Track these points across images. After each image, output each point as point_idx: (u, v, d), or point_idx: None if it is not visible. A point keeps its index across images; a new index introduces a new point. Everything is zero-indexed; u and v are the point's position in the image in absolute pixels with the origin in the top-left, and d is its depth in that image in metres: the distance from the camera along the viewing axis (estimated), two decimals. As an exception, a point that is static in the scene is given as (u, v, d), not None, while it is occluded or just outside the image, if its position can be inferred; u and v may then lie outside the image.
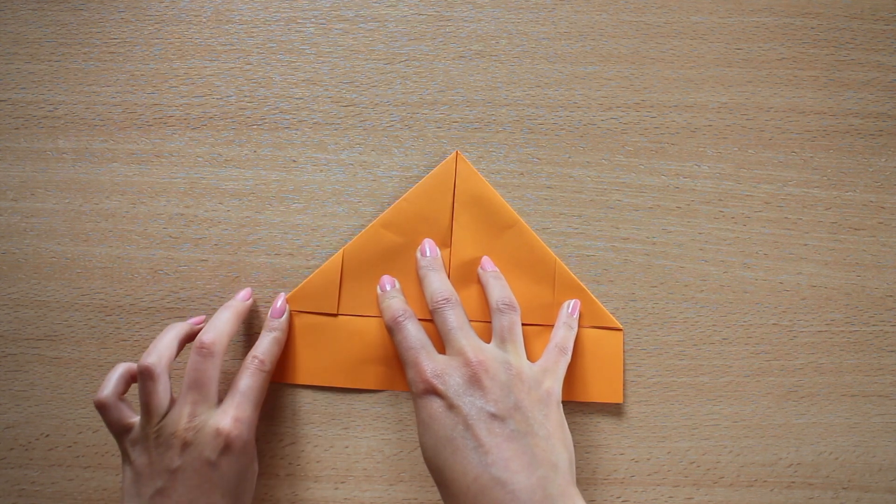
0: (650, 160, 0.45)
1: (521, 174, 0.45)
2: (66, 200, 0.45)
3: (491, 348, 0.38)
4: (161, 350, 0.37)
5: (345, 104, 0.46)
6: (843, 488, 0.42)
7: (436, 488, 0.42)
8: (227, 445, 0.36)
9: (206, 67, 0.46)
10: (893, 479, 0.43)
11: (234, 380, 0.39)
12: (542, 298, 0.43)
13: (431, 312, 0.40)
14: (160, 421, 0.36)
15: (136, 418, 0.37)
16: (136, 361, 0.38)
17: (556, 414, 0.37)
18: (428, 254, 0.42)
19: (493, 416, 0.35)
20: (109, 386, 0.37)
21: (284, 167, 0.45)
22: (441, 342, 0.39)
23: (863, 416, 0.43)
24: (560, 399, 0.38)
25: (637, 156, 0.45)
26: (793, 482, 0.42)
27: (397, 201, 0.44)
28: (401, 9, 0.46)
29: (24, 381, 0.43)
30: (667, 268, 0.44)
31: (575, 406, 0.43)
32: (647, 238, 0.44)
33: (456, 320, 0.39)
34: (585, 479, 0.42)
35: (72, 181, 0.45)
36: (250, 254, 0.44)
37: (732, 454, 0.43)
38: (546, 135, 0.45)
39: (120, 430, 0.37)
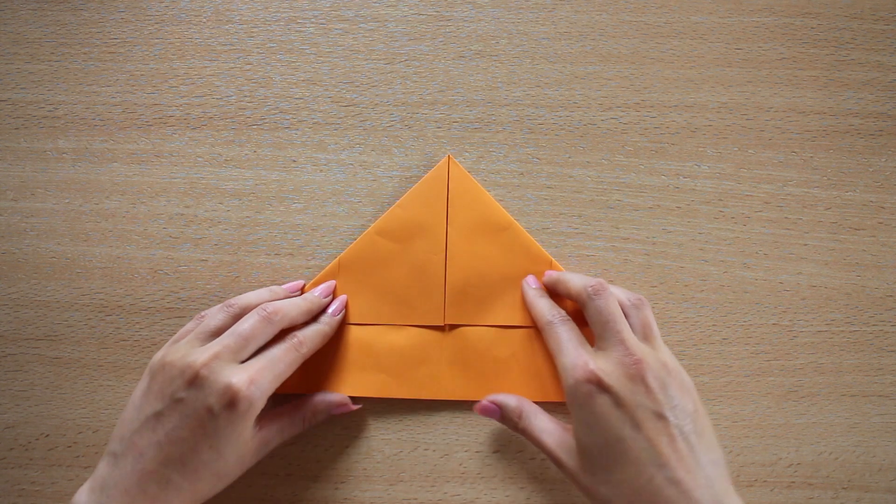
0: (650, 160, 0.45)
1: (521, 174, 0.45)
2: (66, 200, 0.45)
3: (641, 344, 0.37)
4: (256, 301, 0.39)
5: (345, 104, 0.46)
6: (843, 488, 0.42)
7: (435, 488, 0.42)
8: (231, 402, 0.34)
9: (206, 67, 0.46)
10: (893, 479, 0.43)
11: (264, 347, 0.38)
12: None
13: (585, 302, 0.38)
14: (197, 348, 0.36)
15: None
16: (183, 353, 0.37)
17: (700, 404, 0.36)
18: (549, 273, 0.42)
19: (658, 415, 0.34)
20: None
21: (284, 167, 0.45)
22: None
23: (863, 416, 0.43)
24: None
25: (637, 156, 0.45)
26: (793, 482, 0.42)
27: (391, 208, 0.44)
28: (401, 9, 0.46)
29: (24, 381, 0.43)
30: (667, 268, 0.44)
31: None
32: (647, 238, 0.44)
33: (616, 309, 0.38)
34: (585, 479, 0.42)
35: (72, 181, 0.45)
36: (250, 254, 0.44)
37: (732, 454, 0.43)
38: (546, 135, 0.45)
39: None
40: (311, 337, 0.40)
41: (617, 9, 0.46)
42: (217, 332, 0.38)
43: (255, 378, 0.35)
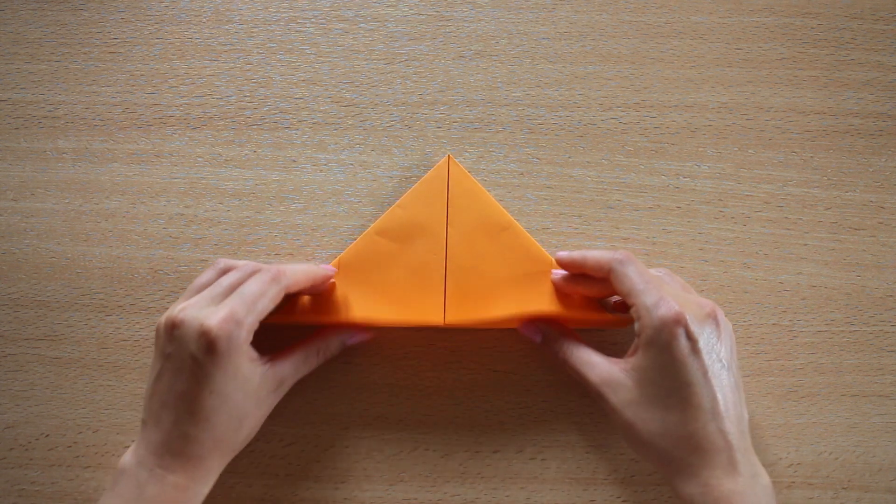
0: (650, 160, 0.45)
1: (521, 174, 0.45)
2: (66, 200, 0.45)
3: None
4: (297, 281, 0.38)
5: (345, 104, 0.46)
6: (843, 488, 0.42)
7: (435, 488, 0.42)
8: (210, 345, 0.34)
9: (206, 67, 0.46)
10: (893, 479, 0.43)
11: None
12: (540, 300, 0.43)
13: (610, 272, 0.37)
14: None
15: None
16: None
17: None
18: (562, 253, 0.41)
19: (723, 365, 0.35)
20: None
21: (284, 167, 0.45)
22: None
23: (863, 416, 0.43)
24: None
25: (637, 156, 0.45)
26: (793, 482, 0.42)
27: (391, 208, 0.44)
28: (401, 9, 0.46)
29: (24, 381, 0.43)
30: (667, 268, 0.44)
31: (575, 405, 0.43)
32: (647, 238, 0.44)
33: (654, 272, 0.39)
34: (585, 479, 0.42)
35: (72, 181, 0.45)
36: (250, 254, 0.44)
37: (732, 454, 0.43)
38: (546, 135, 0.45)
39: None
40: (293, 269, 0.38)
41: (617, 9, 0.46)
42: (202, 288, 0.38)
43: (228, 315, 0.34)
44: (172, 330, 0.35)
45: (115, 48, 0.46)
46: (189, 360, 0.34)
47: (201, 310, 0.35)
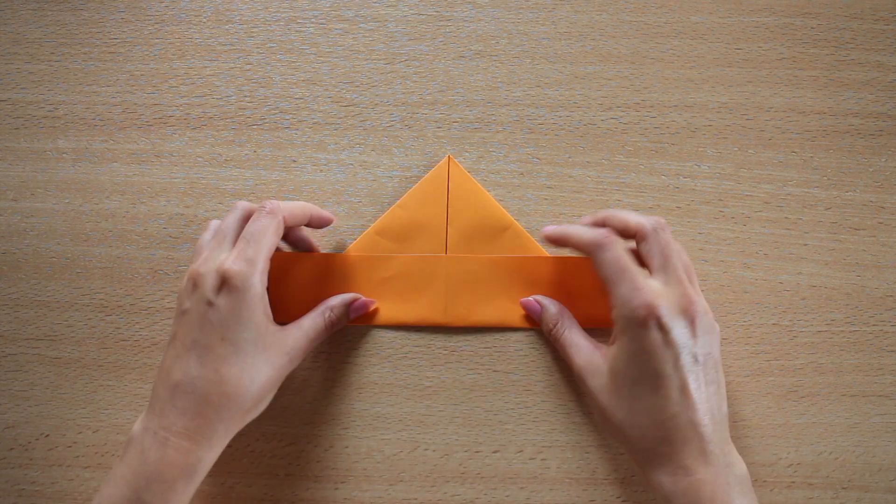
0: (650, 160, 0.45)
1: (521, 174, 0.45)
2: (66, 200, 0.45)
3: (693, 286, 0.37)
4: (293, 213, 0.39)
5: (345, 104, 0.46)
6: (843, 488, 0.42)
7: (435, 488, 0.42)
8: (223, 281, 0.35)
9: (206, 67, 0.46)
10: (893, 479, 0.43)
11: None
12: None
13: (646, 235, 0.37)
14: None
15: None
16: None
17: (720, 352, 0.37)
18: (549, 228, 0.41)
19: (696, 358, 0.35)
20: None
21: (284, 167, 0.45)
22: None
23: (863, 416, 0.43)
24: None
25: (637, 156, 0.45)
26: (793, 482, 0.42)
27: (391, 208, 0.44)
28: (401, 9, 0.46)
29: (24, 381, 0.43)
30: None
31: (575, 405, 0.43)
32: (647, 238, 0.44)
33: (677, 246, 0.38)
34: (585, 479, 0.42)
35: (72, 181, 0.45)
36: (250, 254, 0.44)
37: (732, 454, 0.43)
38: (546, 135, 0.45)
39: None
40: (286, 204, 0.39)
41: (617, 9, 0.46)
42: (224, 235, 0.38)
43: (238, 256, 0.36)
44: (192, 283, 0.36)
45: (115, 48, 0.46)
46: (204, 306, 0.35)
47: (215, 258, 0.36)
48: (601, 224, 0.39)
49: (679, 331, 0.35)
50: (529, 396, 0.43)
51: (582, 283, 0.42)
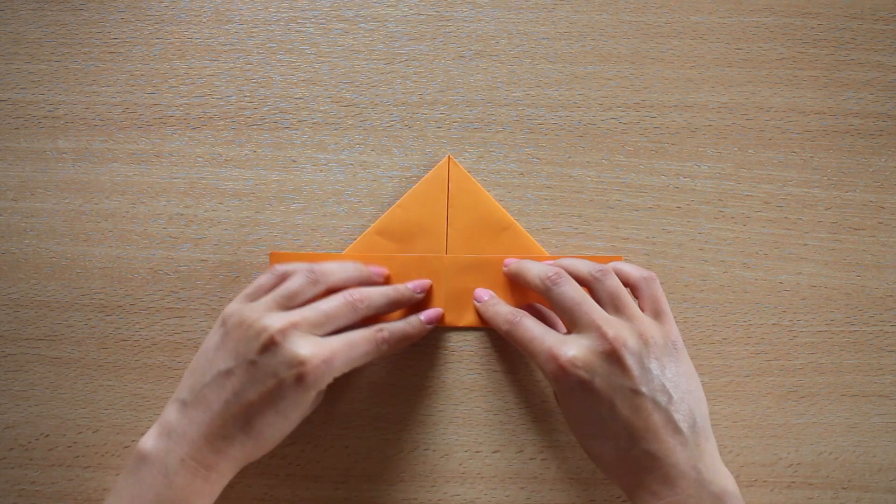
0: (650, 160, 0.45)
1: (521, 174, 0.45)
2: (66, 200, 0.45)
3: (617, 319, 0.37)
4: (343, 277, 0.40)
5: (345, 104, 0.46)
6: (843, 488, 0.42)
7: (435, 488, 0.42)
8: (300, 376, 0.35)
9: (206, 67, 0.46)
10: (893, 479, 0.43)
11: (350, 330, 0.38)
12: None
13: (545, 294, 0.38)
14: (275, 311, 0.37)
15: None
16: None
17: (686, 363, 0.37)
18: (512, 260, 0.42)
19: (634, 391, 0.34)
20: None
21: (284, 167, 0.45)
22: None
23: (863, 416, 0.43)
24: (680, 335, 0.37)
25: (637, 156, 0.45)
26: (793, 482, 0.42)
27: (391, 208, 0.44)
28: (401, 9, 0.46)
29: (24, 381, 0.43)
30: (667, 268, 0.44)
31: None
32: (647, 238, 0.44)
33: (577, 293, 0.37)
34: (585, 479, 0.42)
35: (72, 181, 0.45)
36: (250, 254, 0.44)
37: (732, 454, 0.43)
38: (546, 135, 0.45)
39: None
40: (396, 337, 0.39)
41: (617, 9, 0.46)
42: (295, 297, 0.38)
43: (329, 358, 0.35)
44: (269, 345, 0.35)
45: (115, 48, 0.46)
46: (273, 379, 0.35)
47: (302, 336, 0.36)
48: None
49: (603, 376, 0.35)
50: (529, 396, 0.43)
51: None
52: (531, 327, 0.38)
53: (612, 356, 0.35)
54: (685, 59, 0.46)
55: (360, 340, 0.37)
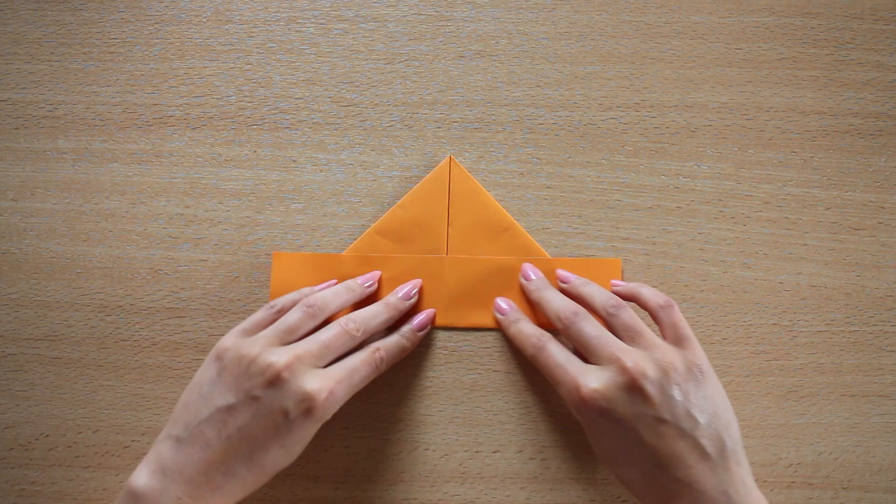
0: (650, 160, 0.45)
1: (521, 174, 0.45)
2: (66, 200, 0.45)
3: (635, 350, 0.37)
4: (338, 305, 0.40)
5: (345, 104, 0.46)
6: (843, 488, 0.42)
7: (435, 488, 0.42)
8: (308, 410, 0.35)
9: (206, 67, 0.46)
10: (893, 479, 0.43)
11: (347, 356, 0.38)
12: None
13: (563, 330, 0.39)
14: (278, 346, 0.37)
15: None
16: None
17: (712, 386, 0.36)
18: (533, 276, 0.42)
19: (658, 419, 0.34)
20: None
21: (284, 167, 0.45)
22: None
23: (863, 416, 0.43)
24: (706, 359, 0.37)
25: (637, 156, 0.45)
26: (793, 482, 0.42)
27: (392, 208, 0.44)
28: (401, 9, 0.46)
29: (24, 381, 0.43)
30: (667, 268, 0.44)
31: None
32: (647, 238, 0.44)
33: (595, 329, 0.38)
34: (585, 479, 0.42)
35: (72, 181, 0.45)
36: (250, 254, 0.44)
37: (732, 454, 0.43)
38: (546, 135, 0.45)
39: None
40: (392, 353, 0.40)
41: (617, 9, 0.46)
42: (293, 331, 0.38)
43: (335, 389, 0.36)
44: (274, 381, 0.35)
45: (115, 48, 0.46)
46: (279, 413, 0.34)
47: (307, 370, 0.36)
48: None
49: (626, 407, 0.35)
50: (529, 396, 0.43)
51: None
52: (555, 353, 0.38)
53: (633, 387, 0.35)
54: (685, 59, 0.46)
55: (360, 365, 0.38)
